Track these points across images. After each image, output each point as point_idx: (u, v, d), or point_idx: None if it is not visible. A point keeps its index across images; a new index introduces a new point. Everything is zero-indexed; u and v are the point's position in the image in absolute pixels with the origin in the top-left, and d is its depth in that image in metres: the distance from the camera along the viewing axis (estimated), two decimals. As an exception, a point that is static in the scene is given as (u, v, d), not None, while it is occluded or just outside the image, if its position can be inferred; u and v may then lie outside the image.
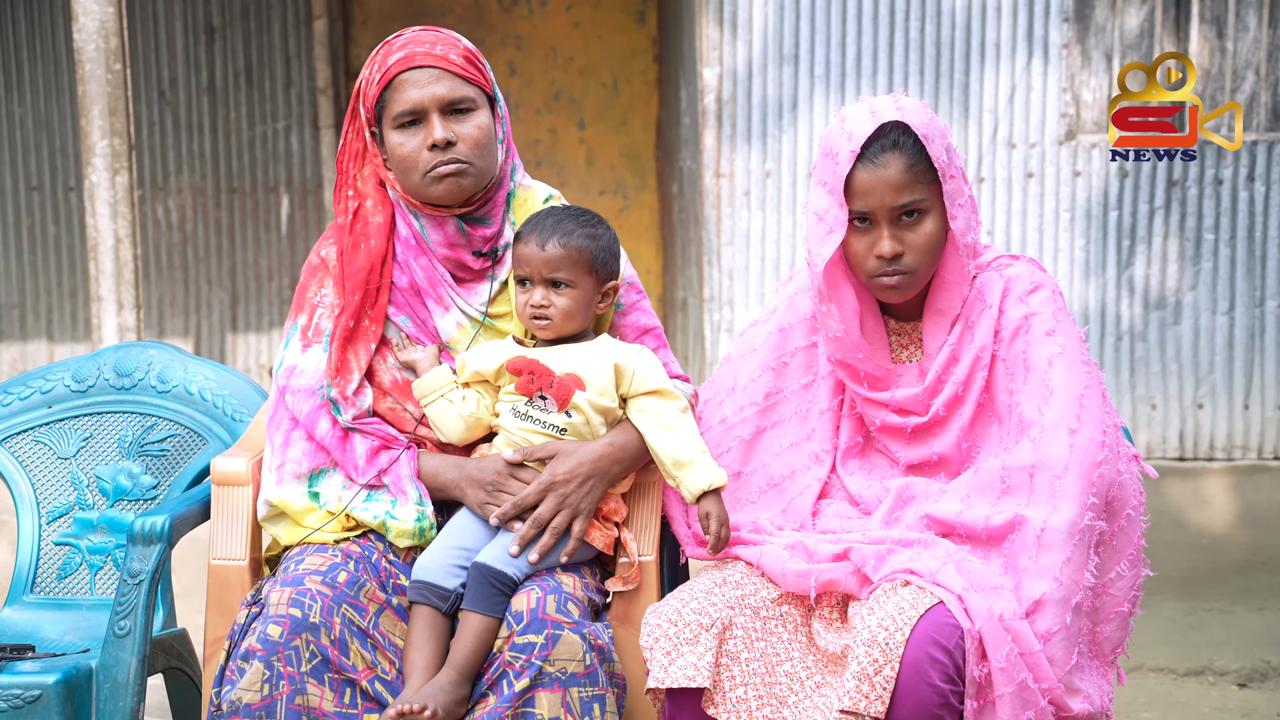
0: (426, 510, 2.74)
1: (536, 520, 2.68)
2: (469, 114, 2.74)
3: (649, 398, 2.76)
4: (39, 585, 3.27)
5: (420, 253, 2.81)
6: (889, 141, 2.64)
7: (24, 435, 3.35)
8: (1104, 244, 5.76)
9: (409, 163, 2.74)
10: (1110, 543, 2.67)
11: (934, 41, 5.73)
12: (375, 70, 2.76)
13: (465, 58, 2.76)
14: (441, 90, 2.72)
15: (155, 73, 7.16)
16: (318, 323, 2.82)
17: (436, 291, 2.81)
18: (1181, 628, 4.99)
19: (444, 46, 2.75)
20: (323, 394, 2.77)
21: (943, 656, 2.46)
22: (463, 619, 2.62)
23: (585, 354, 2.77)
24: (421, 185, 2.74)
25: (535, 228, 2.75)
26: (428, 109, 2.72)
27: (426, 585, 2.65)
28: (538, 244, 2.73)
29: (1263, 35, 5.70)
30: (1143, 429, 5.81)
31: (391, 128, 2.75)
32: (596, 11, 7.46)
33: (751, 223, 5.83)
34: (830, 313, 2.73)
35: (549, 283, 2.73)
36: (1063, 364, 2.67)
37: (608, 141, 7.54)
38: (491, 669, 2.57)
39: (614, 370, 2.75)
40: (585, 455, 2.72)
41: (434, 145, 2.71)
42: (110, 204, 4.92)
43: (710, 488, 2.70)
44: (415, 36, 2.77)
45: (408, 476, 2.74)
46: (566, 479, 2.70)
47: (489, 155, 2.77)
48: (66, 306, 7.21)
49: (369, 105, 2.77)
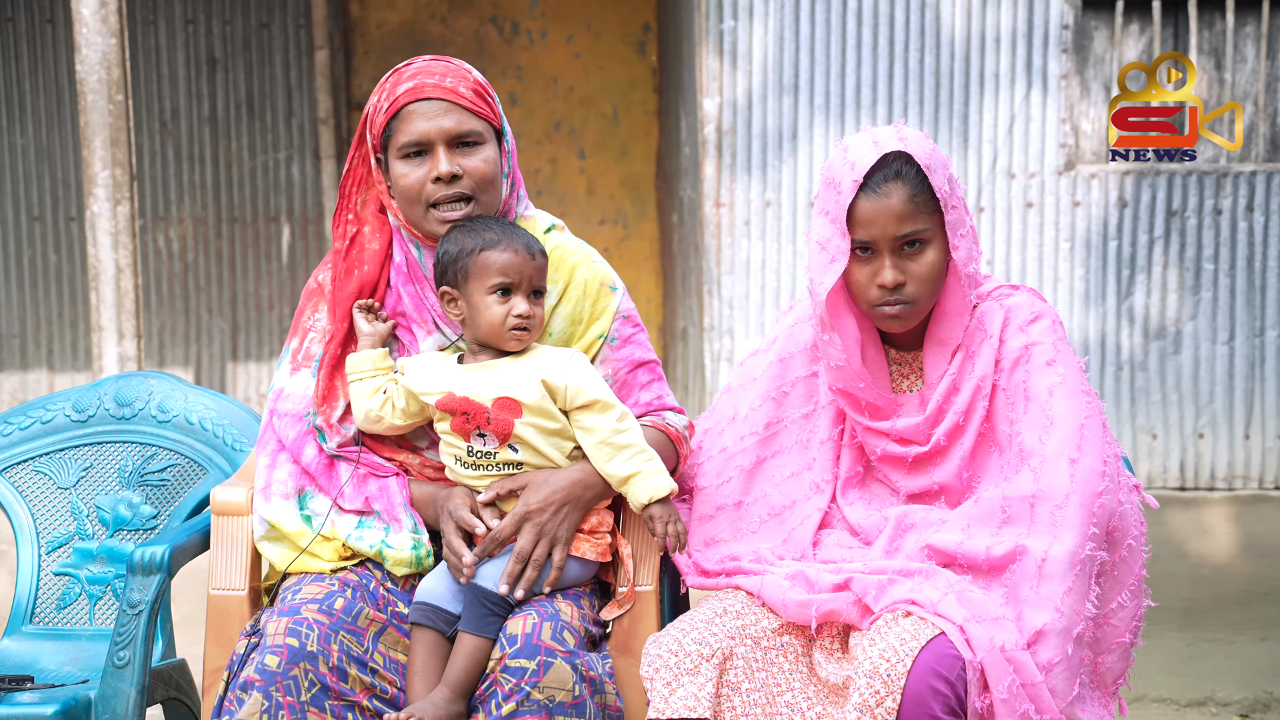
0: (422, 538, 2.73)
1: (519, 555, 2.66)
2: (475, 147, 2.73)
3: (585, 413, 2.69)
4: (38, 615, 3.26)
5: (410, 280, 2.80)
6: (892, 171, 2.64)
7: (24, 465, 3.34)
8: (1104, 274, 5.77)
9: (412, 194, 2.72)
10: (1111, 573, 2.67)
11: (934, 72, 5.75)
12: (384, 98, 2.75)
13: (475, 91, 2.74)
14: (449, 123, 2.71)
15: (157, 103, 7.18)
16: (308, 347, 2.83)
17: (421, 316, 2.81)
18: (1183, 658, 4.98)
19: (454, 79, 2.74)
20: (309, 421, 2.77)
21: (944, 688, 2.45)
22: (459, 639, 2.62)
23: (514, 371, 2.69)
24: (424, 219, 2.73)
25: (505, 235, 2.68)
26: (434, 141, 2.70)
27: (430, 608, 2.65)
28: (526, 252, 2.68)
29: (1261, 67, 5.72)
30: (1143, 459, 5.81)
31: (397, 157, 2.73)
32: (597, 42, 7.49)
33: (751, 252, 5.84)
34: (832, 341, 2.73)
35: (533, 291, 2.70)
36: (1063, 394, 2.67)
37: (608, 171, 7.56)
38: (484, 686, 2.58)
39: (543, 387, 2.68)
40: (558, 483, 2.69)
41: (438, 178, 2.70)
42: (111, 234, 4.93)
43: (650, 500, 2.66)
44: (425, 67, 2.76)
45: (401, 505, 2.74)
46: (541, 508, 2.67)
47: (494, 189, 2.76)
48: (67, 336, 7.21)
49: (375, 133, 2.76)
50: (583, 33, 7.48)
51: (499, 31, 7.50)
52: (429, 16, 7.47)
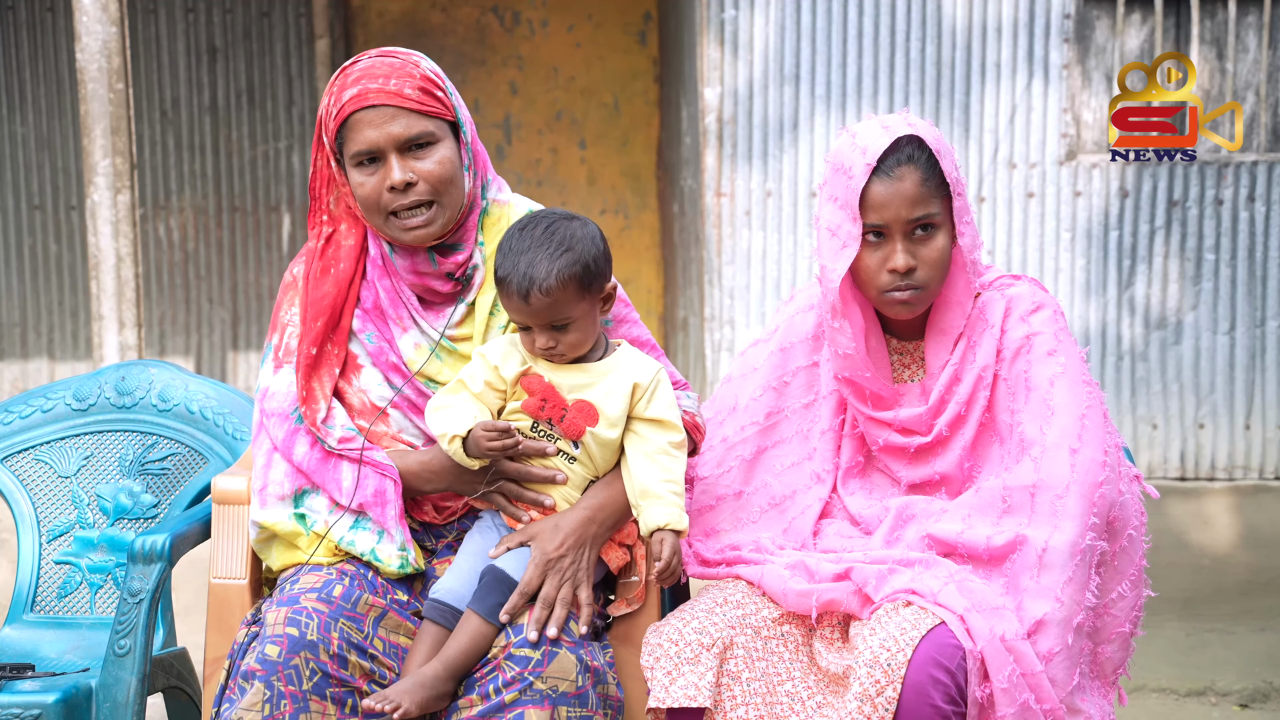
0: (409, 556, 2.71)
1: (545, 601, 2.62)
2: (428, 149, 2.65)
3: (650, 426, 2.69)
4: (39, 604, 3.26)
5: (386, 274, 2.77)
6: (904, 155, 2.64)
7: (25, 454, 3.34)
8: (1105, 264, 5.77)
9: (370, 203, 2.67)
10: (1112, 563, 2.67)
11: (935, 62, 5.75)
12: (332, 104, 2.68)
13: (421, 89, 2.65)
14: (397, 129, 2.63)
15: (157, 92, 7.18)
16: (288, 343, 2.79)
17: (397, 312, 2.77)
18: (1183, 648, 4.98)
19: (398, 80, 2.64)
20: (295, 419, 2.74)
21: (945, 677, 2.46)
22: (464, 618, 2.60)
23: (603, 376, 2.68)
24: (385, 227, 2.69)
25: (510, 271, 2.61)
26: (384, 149, 2.63)
27: (446, 606, 2.64)
28: (519, 297, 2.60)
29: (1263, 56, 5.71)
30: (1144, 449, 5.81)
31: (351, 165, 2.68)
32: (598, 32, 7.48)
33: (752, 242, 5.84)
34: (842, 329, 2.73)
35: (547, 326, 2.64)
36: (1064, 384, 2.67)
37: (609, 161, 7.55)
38: (484, 669, 2.56)
39: (631, 389, 2.67)
40: (569, 526, 2.67)
41: (393, 188, 2.64)
42: (112, 223, 4.93)
43: (666, 526, 2.62)
44: (369, 68, 2.67)
45: (393, 518, 2.69)
46: (560, 554, 2.65)
47: (454, 188, 2.68)
48: (68, 325, 7.21)
49: (330, 138, 2.70)
50: (584, 22, 7.47)
51: (500, 21, 7.49)
52: (429, 5, 7.47)
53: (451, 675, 2.56)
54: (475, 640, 2.58)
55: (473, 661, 2.58)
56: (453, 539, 2.83)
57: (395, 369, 2.78)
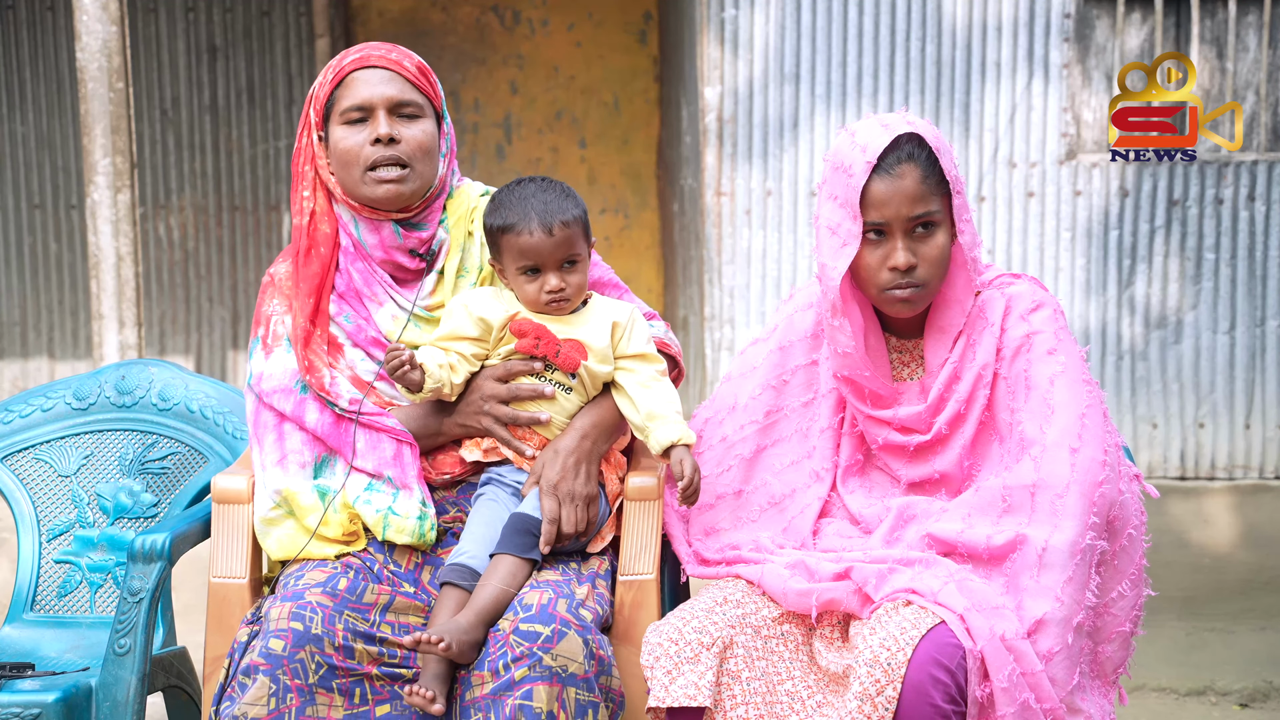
0: (429, 512, 2.77)
1: (552, 519, 2.73)
2: (415, 119, 2.83)
3: (634, 360, 2.83)
4: (39, 603, 3.26)
5: (358, 258, 2.87)
6: (904, 153, 2.65)
7: (25, 453, 3.34)
8: (1105, 263, 5.76)
9: (350, 156, 2.81)
10: (1112, 562, 2.67)
11: (935, 61, 5.74)
12: (329, 72, 2.86)
13: (418, 68, 2.87)
14: (392, 91, 2.81)
15: (158, 91, 7.17)
16: (274, 329, 2.87)
17: (372, 290, 2.87)
18: (1183, 647, 4.98)
19: (398, 55, 2.86)
20: (300, 389, 2.80)
21: (945, 677, 2.46)
22: (494, 562, 2.67)
23: (585, 318, 2.83)
24: (360, 183, 2.81)
25: (523, 215, 2.77)
26: (376, 106, 2.81)
27: (465, 569, 2.68)
28: (542, 231, 2.75)
29: (1263, 55, 5.71)
30: (1144, 448, 5.81)
31: (339, 123, 2.83)
32: (598, 31, 7.48)
33: (752, 241, 5.84)
34: (842, 328, 2.73)
35: (561, 264, 2.77)
36: (1064, 383, 2.67)
37: (609, 160, 7.55)
38: (495, 645, 2.58)
39: (611, 327, 2.81)
40: (567, 446, 2.80)
41: (377, 140, 2.79)
42: (112, 222, 4.93)
43: (680, 441, 2.74)
44: (373, 44, 2.90)
45: (414, 476, 2.78)
46: (562, 476, 2.76)
47: (430, 162, 2.85)
48: (68, 324, 7.21)
49: (319, 106, 2.85)
50: (584, 21, 7.47)
51: (500, 20, 7.49)
52: (430, 4, 7.46)
53: (482, 621, 2.60)
54: (507, 581, 2.64)
55: (502, 607, 2.62)
56: (453, 518, 2.84)
57: (375, 343, 2.86)
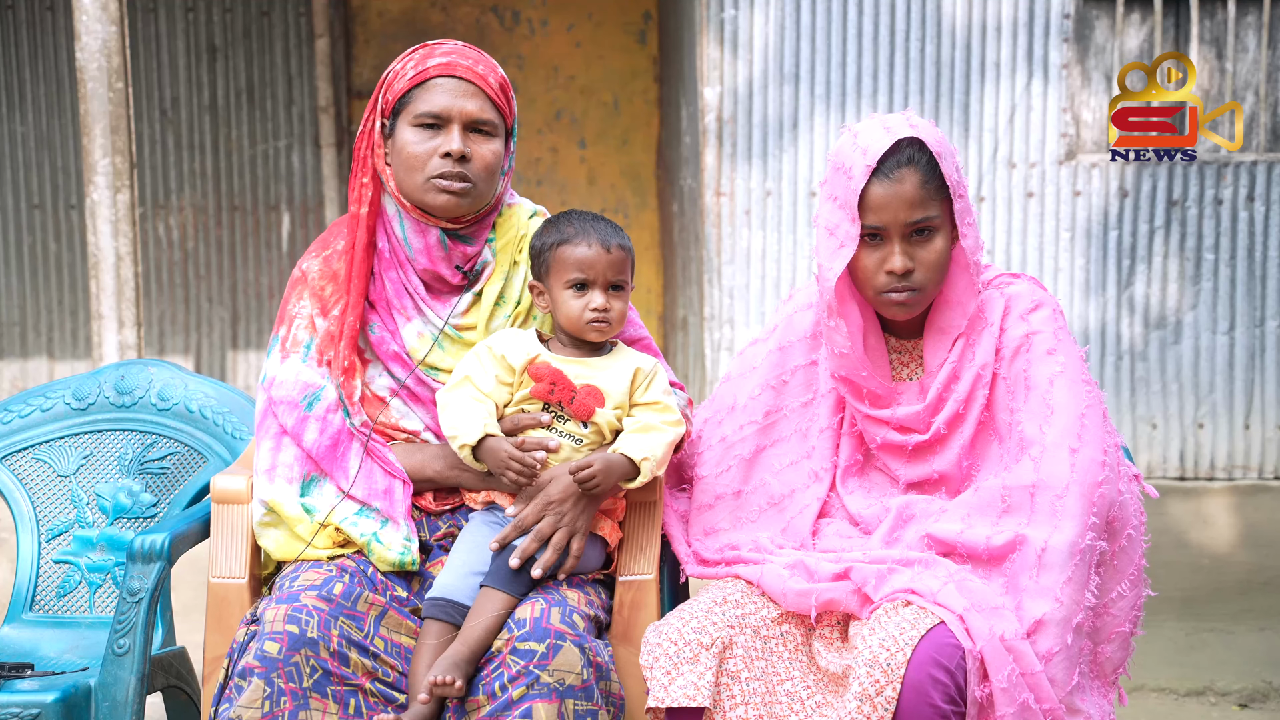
0: (411, 547, 2.75)
1: (539, 534, 2.69)
2: (488, 138, 2.78)
3: (646, 409, 2.78)
4: (38, 603, 3.26)
5: (394, 265, 2.83)
6: (904, 157, 2.64)
7: (24, 453, 3.34)
8: (1104, 263, 5.77)
9: (416, 161, 2.75)
10: (1111, 563, 2.67)
11: (934, 61, 5.75)
12: (411, 66, 2.78)
13: (501, 84, 2.80)
14: (472, 107, 2.75)
15: (157, 91, 7.17)
16: (295, 334, 2.84)
17: (401, 302, 2.83)
18: (1183, 648, 4.98)
19: (485, 68, 2.80)
20: (305, 406, 2.78)
21: (944, 677, 2.46)
22: (481, 595, 2.64)
23: (608, 363, 2.78)
24: (420, 189, 2.76)
25: (581, 230, 2.74)
26: (453, 119, 2.75)
27: (448, 603, 2.66)
28: (601, 246, 2.73)
29: (1262, 56, 5.71)
30: (1143, 449, 5.81)
31: (409, 124, 2.76)
32: (598, 31, 7.48)
33: (752, 241, 5.84)
34: (838, 328, 2.73)
35: (611, 285, 2.74)
36: (1064, 383, 2.67)
37: (609, 161, 7.55)
38: (490, 667, 2.57)
39: (633, 374, 2.76)
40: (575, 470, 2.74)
41: (448, 154, 2.73)
42: (111, 222, 4.93)
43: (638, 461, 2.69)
44: (460, 50, 2.81)
45: (402, 512, 2.76)
46: (562, 499, 2.71)
47: (493, 181, 2.80)
48: (67, 324, 7.21)
49: (392, 97, 2.78)
50: (583, 22, 7.47)
51: (500, 20, 7.49)
52: (430, 4, 7.46)
53: (473, 654, 2.59)
54: (494, 613, 2.61)
55: (491, 638, 2.60)
56: (445, 534, 2.84)
57: (396, 358, 2.82)
